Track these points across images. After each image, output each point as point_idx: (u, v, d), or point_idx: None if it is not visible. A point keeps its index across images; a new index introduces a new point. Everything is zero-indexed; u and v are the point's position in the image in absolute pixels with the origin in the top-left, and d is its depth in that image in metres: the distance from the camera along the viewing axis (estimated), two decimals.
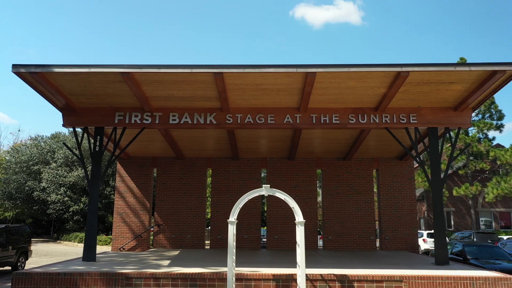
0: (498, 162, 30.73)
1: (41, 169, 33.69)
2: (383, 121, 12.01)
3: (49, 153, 35.15)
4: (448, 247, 15.46)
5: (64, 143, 13.43)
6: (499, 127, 31.77)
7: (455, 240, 16.69)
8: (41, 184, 32.85)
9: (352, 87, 11.08)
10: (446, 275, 9.43)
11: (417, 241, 16.75)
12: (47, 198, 32.16)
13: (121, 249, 16.39)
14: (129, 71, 10.19)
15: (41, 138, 39.16)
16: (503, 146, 34.79)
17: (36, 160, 34.63)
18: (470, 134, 31.39)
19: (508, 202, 36.24)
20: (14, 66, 10.27)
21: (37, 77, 10.47)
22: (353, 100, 11.75)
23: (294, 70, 10.09)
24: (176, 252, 14.95)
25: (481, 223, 36.28)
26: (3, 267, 15.01)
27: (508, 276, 9.41)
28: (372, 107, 12.05)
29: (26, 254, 16.31)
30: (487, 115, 32.26)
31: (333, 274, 9.46)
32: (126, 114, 12.19)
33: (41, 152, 35.14)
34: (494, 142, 32.77)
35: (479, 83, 10.76)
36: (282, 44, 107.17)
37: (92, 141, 12.94)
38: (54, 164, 33.09)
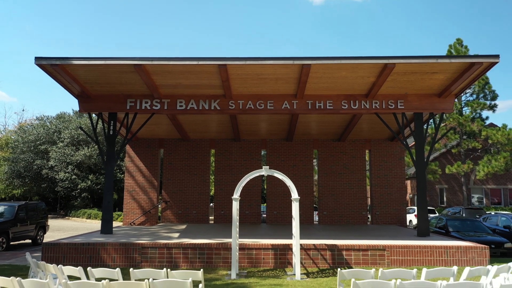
0: (490, 141, 31.88)
1: (48, 149, 34.91)
2: (373, 107, 13.10)
3: (55, 133, 36.30)
4: (435, 221, 16.83)
5: (80, 127, 14.54)
6: (492, 107, 32.73)
7: (441, 215, 17.96)
8: (49, 162, 34.12)
9: (344, 77, 12.14)
10: (423, 244, 10.73)
11: (405, 216, 18.08)
12: (55, 176, 33.49)
13: (132, 223, 17.75)
14: (141, 63, 11.23)
15: (47, 118, 40.28)
16: (496, 126, 35.86)
17: (43, 140, 35.79)
18: (463, 114, 32.43)
19: (499, 179, 37.62)
20: (36, 58, 11.32)
21: (57, 68, 11.51)
22: (346, 87, 12.81)
23: (291, 62, 11.13)
24: (183, 226, 16.30)
25: (474, 199, 37.73)
26: (24, 240, 16.40)
27: (477, 245, 10.73)
28: (363, 94, 13.12)
29: (44, 228, 17.67)
30: (481, 95, 33.18)
31: (325, 244, 10.76)
32: (137, 101, 13.28)
33: (47, 132, 36.27)
34: (488, 122, 33.86)
35: (459, 73, 11.80)
36: (281, 20, 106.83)
37: (105, 125, 14.07)
38: (61, 144, 34.27)
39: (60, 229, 23.95)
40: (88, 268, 5.77)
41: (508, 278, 5.87)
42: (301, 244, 10.55)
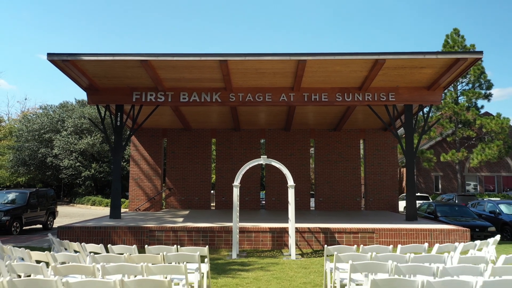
0: (484, 130, 32.69)
1: (52, 137, 35.73)
2: (366, 99, 13.87)
3: (59, 122, 37.07)
4: (425, 207, 17.72)
5: (89, 119, 15.37)
6: (487, 96, 33.45)
7: (432, 202, 18.82)
8: (53, 151, 34.97)
9: (338, 71, 12.88)
10: (410, 227, 11.61)
11: (398, 202, 18.98)
12: (60, 163, 34.38)
13: (137, 209, 18.64)
14: (147, 59, 11.96)
15: (50, 107, 41.03)
16: (491, 114, 36.56)
17: (47, 128, 36.57)
18: (459, 103, 33.14)
19: (493, 167, 38.51)
20: (49, 54, 12.06)
21: (68, 64, 12.26)
22: (340, 81, 13.56)
23: (287, 58, 11.87)
24: (186, 212, 17.20)
25: (470, 186, 38.66)
26: (35, 225, 17.31)
27: (459, 228, 11.62)
28: (356, 87, 13.87)
29: (53, 214, 18.58)
30: (477, 84, 33.87)
31: (318, 227, 11.64)
32: (142, 94, 14.03)
33: (51, 121, 37.02)
34: (483, 110, 34.60)
35: (446, 67, 12.54)
36: (281, 8, 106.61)
37: (112, 117, 14.85)
38: (64, 132, 35.07)
39: (67, 215, 24.85)
40: (109, 245, 6.62)
41: (474, 254, 6.71)
42: (296, 227, 11.42)
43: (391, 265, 4.63)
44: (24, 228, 16.35)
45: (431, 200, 29.40)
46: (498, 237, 7.71)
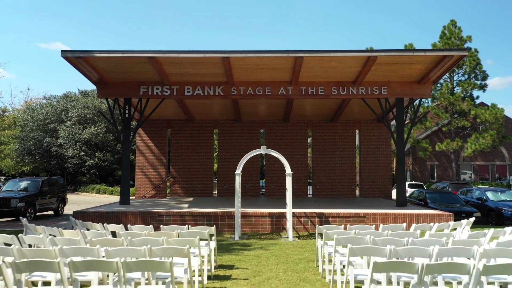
0: (479, 120, 33.56)
1: (57, 127, 36.60)
2: (360, 93, 14.73)
3: (63, 112, 37.90)
4: (416, 194, 18.70)
5: (99, 111, 16.22)
6: (482, 87, 34.20)
7: (423, 189, 19.79)
8: (58, 140, 35.89)
9: (334, 66, 13.73)
10: (398, 212, 12.59)
11: (391, 190, 19.96)
12: (64, 153, 35.32)
13: (143, 196, 19.62)
14: (155, 56, 12.80)
15: (54, 98, 41.82)
16: (485, 104, 37.36)
17: (52, 118, 37.40)
18: (455, 93, 33.93)
19: (487, 156, 39.49)
20: (63, 51, 12.90)
21: (80, 60, 13.10)
22: (335, 75, 14.41)
23: (285, 55, 12.71)
24: (190, 199, 18.17)
25: (466, 175, 39.67)
26: (47, 211, 18.30)
27: (443, 213, 12.60)
28: (350, 81, 14.73)
29: (64, 201, 19.56)
30: (472, 75, 34.64)
31: (314, 212, 12.61)
32: (149, 87, 14.89)
33: (55, 111, 37.85)
34: (478, 101, 35.40)
35: (434, 63, 13.38)
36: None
37: (121, 110, 15.71)
38: (68, 122, 35.93)
39: (74, 202, 25.83)
40: (128, 225, 7.57)
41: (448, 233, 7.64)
42: (293, 212, 12.39)
43: (369, 239, 5.57)
44: (37, 214, 17.33)
45: (425, 188, 30.42)
46: (472, 219, 8.65)
